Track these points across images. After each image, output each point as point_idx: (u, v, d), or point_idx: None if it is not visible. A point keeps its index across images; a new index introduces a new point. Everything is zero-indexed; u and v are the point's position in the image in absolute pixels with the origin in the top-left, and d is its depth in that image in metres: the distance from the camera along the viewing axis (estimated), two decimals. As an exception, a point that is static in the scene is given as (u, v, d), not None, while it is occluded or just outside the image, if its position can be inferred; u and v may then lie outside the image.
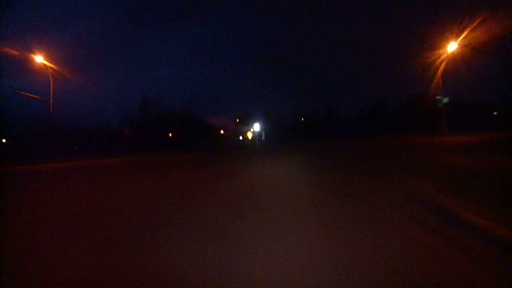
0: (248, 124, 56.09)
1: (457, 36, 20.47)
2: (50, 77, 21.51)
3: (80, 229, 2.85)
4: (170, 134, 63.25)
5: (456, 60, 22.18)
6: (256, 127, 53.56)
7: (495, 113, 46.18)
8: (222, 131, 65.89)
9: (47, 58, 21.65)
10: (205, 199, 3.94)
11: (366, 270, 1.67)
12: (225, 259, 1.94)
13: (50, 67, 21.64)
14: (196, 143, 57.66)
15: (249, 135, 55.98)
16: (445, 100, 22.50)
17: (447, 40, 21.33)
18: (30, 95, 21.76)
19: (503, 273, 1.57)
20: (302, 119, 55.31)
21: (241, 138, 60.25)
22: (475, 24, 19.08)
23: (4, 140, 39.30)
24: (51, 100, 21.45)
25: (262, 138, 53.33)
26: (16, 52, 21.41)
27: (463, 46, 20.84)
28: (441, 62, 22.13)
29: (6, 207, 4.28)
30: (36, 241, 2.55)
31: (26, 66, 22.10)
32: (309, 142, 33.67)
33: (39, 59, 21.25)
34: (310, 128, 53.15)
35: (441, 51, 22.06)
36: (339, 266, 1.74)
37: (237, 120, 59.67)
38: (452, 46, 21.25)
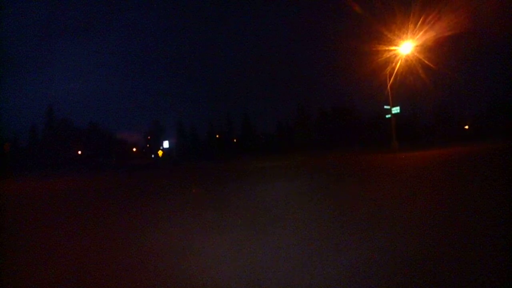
0: (159, 141, 51.85)
1: (411, 34, 16.51)
2: None
3: None
4: (80, 152, 55.13)
5: (409, 62, 18.20)
6: (166, 144, 50.07)
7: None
8: (134, 149, 59.67)
9: None
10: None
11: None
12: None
13: None
14: (104, 161, 50.85)
15: (160, 153, 51.61)
16: (396, 110, 18.71)
17: (396, 38, 17.00)
18: None
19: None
20: (217, 135, 53.44)
21: (153, 156, 55.27)
22: (425, 23, 15.88)
23: None
24: None
25: (173, 156, 49.91)
26: None
27: (417, 45, 17.11)
28: (392, 63, 18.09)
29: None
30: None
31: None
32: (220, 162, 28.16)
33: None
34: (225, 145, 51.44)
35: (388, 50, 17.62)
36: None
37: (148, 137, 54.80)
38: (405, 46, 17.10)
